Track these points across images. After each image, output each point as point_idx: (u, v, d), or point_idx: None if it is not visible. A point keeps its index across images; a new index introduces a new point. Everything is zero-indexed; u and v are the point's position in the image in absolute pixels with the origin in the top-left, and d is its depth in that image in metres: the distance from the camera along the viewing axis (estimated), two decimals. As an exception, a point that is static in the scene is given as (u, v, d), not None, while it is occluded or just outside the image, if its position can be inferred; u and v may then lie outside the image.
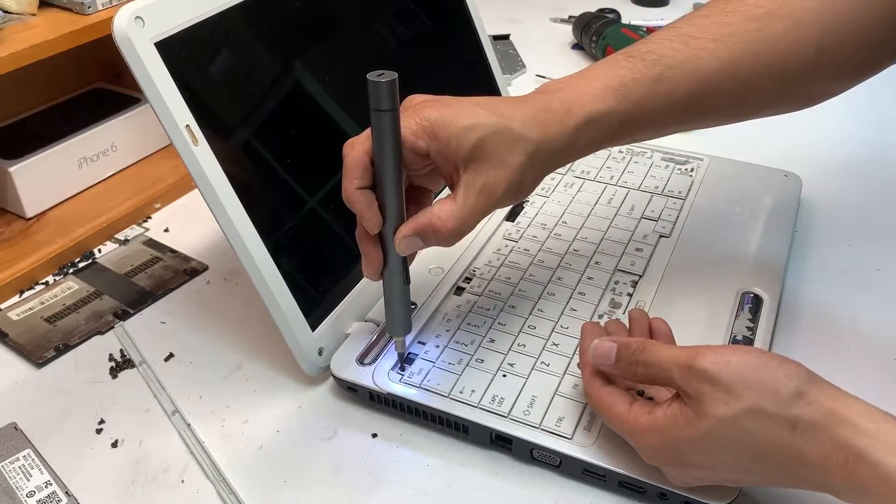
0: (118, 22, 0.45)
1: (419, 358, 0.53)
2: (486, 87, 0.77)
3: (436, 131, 0.45)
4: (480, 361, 0.52)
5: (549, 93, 0.49)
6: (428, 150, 0.45)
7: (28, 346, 0.60)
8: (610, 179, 0.72)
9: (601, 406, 0.44)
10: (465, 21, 0.75)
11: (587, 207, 0.68)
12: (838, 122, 0.86)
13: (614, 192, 0.70)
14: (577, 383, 0.50)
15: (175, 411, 0.54)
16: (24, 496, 0.48)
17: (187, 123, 0.47)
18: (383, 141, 0.44)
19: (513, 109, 0.47)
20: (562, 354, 0.53)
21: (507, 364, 0.52)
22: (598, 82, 0.49)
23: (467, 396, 0.50)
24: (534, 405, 0.49)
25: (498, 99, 0.49)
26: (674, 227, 0.65)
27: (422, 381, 0.51)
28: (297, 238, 0.54)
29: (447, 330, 0.55)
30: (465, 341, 0.54)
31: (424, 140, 0.45)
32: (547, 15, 1.18)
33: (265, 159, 0.53)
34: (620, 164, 0.74)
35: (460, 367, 0.52)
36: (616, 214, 0.67)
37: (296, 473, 0.49)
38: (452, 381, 0.51)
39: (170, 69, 0.47)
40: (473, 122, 0.45)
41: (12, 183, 0.70)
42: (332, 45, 0.60)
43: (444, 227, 0.45)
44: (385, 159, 0.44)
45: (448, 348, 0.53)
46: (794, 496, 0.46)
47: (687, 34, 0.50)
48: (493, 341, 0.54)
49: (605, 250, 0.63)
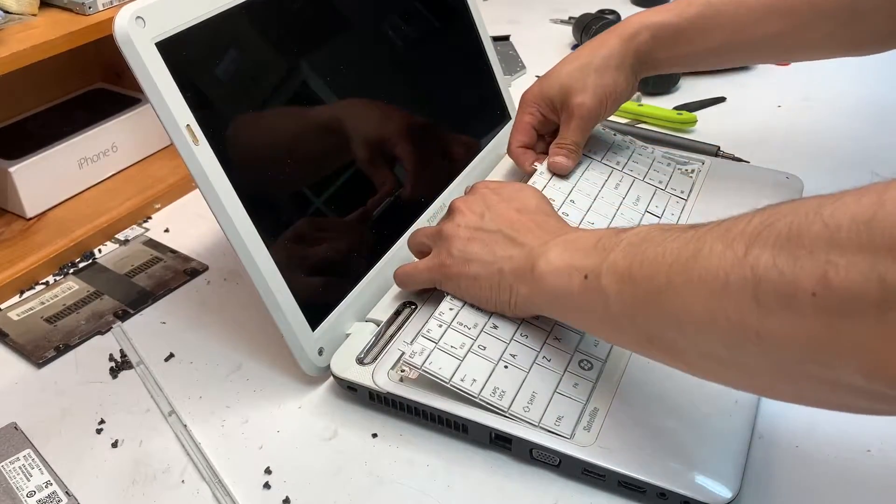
0: (119, 22, 0.45)
1: (420, 336, 0.52)
2: (487, 88, 0.77)
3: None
4: (483, 348, 0.51)
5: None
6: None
7: (28, 346, 0.59)
8: (616, 164, 0.71)
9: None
10: (466, 22, 0.75)
11: (595, 188, 0.68)
12: (839, 122, 0.87)
13: (620, 178, 0.70)
14: (577, 382, 0.50)
15: (172, 412, 0.54)
16: (24, 496, 0.48)
17: (188, 123, 0.47)
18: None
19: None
20: (563, 350, 0.52)
21: (509, 355, 0.51)
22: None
23: (468, 385, 0.49)
24: (534, 402, 0.49)
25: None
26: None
27: (423, 363, 0.50)
28: (298, 238, 0.54)
29: (451, 309, 0.54)
30: (468, 324, 0.53)
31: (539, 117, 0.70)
32: (547, 16, 1.18)
33: (266, 159, 0.53)
34: (626, 153, 0.73)
35: (462, 351, 0.51)
36: (622, 203, 0.67)
37: (296, 473, 0.49)
38: (454, 367, 0.50)
39: (170, 69, 0.47)
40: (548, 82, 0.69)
41: (12, 183, 0.70)
42: (333, 46, 0.60)
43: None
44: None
45: (451, 329, 0.52)
46: (794, 496, 0.46)
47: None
48: (497, 328, 0.53)
49: None
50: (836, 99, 0.92)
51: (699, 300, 0.36)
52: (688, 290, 0.37)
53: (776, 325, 0.33)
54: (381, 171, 0.62)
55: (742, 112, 0.90)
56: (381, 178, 0.61)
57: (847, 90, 0.93)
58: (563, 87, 0.66)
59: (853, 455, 0.49)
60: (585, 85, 0.65)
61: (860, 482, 0.47)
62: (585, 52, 0.67)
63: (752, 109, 0.90)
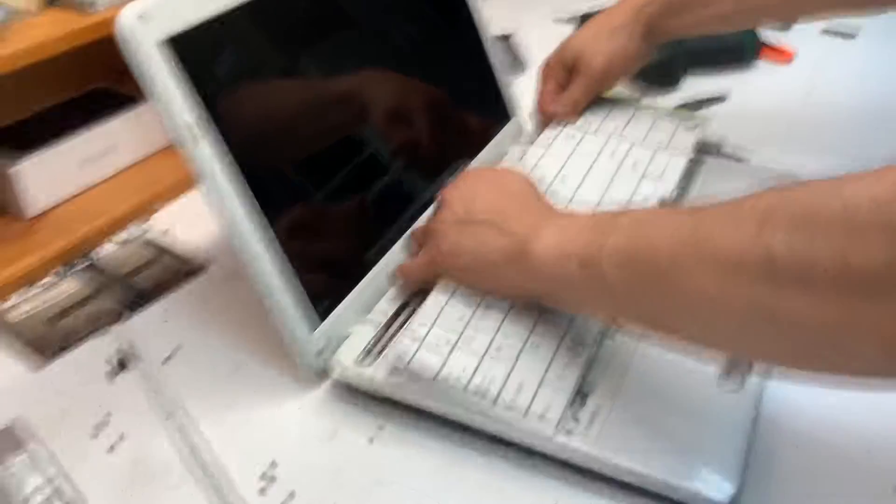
0: (121, 21, 0.45)
1: (405, 335, 0.51)
2: (488, 87, 0.77)
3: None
4: (469, 342, 0.50)
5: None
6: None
7: (28, 346, 0.59)
8: (614, 129, 0.72)
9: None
10: (467, 21, 0.75)
11: (588, 160, 0.68)
12: (841, 121, 0.86)
13: (617, 143, 0.70)
14: (564, 372, 0.50)
15: (172, 412, 0.54)
16: (24, 496, 0.48)
17: (189, 123, 0.47)
18: None
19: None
20: (550, 340, 0.51)
21: (495, 348, 0.50)
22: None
23: (455, 379, 0.48)
24: (535, 399, 0.48)
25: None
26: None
27: (408, 362, 0.49)
28: (298, 238, 0.54)
29: (436, 305, 0.53)
30: (454, 318, 0.52)
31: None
32: (549, 16, 1.18)
33: (267, 159, 0.53)
34: (626, 115, 0.74)
35: (447, 347, 0.50)
36: (617, 171, 0.66)
37: (296, 474, 0.49)
38: (440, 363, 0.49)
39: (172, 69, 0.47)
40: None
41: (12, 183, 0.70)
42: (335, 45, 0.60)
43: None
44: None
45: (436, 326, 0.51)
46: (795, 493, 0.46)
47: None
48: (483, 319, 0.52)
49: None
50: (838, 97, 0.91)
51: (711, 280, 0.36)
52: (699, 270, 0.37)
53: (793, 305, 0.33)
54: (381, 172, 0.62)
55: (743, 111, 0.89)
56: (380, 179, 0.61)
57: (849, 89, 0.93)
58: (577, 50, 0.71)
59: (853, 455, 0.49)
60: (596, 49, 0.70)
61: (860, 481, 0.47)
62: (600, 20, 0.72)
63: (754, 108, 0.90)
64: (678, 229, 0.39)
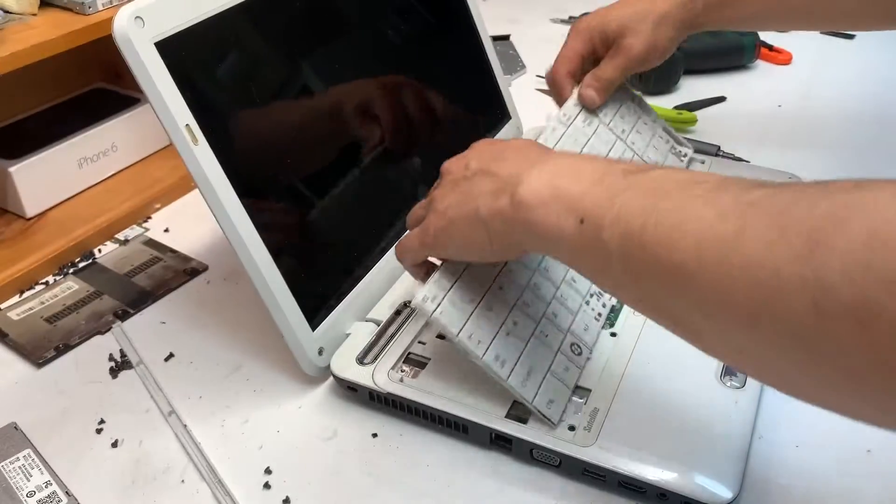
0: (118, 22, 0.45)
1: (432, 283, 0.48)
2: (487, 87, 0.77)
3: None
4: (489, 309, 0.49)
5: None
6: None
7: (28, 346, 0.59)
8: (621, 133, 0.70)
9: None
10: (466, 21, 0.75)
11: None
12: (840, 122, 0.87)
13: (623, 149, 0.68)
14: (568, 366, 0.50)
15: (172, 412, 0.54)
16: (24, 496, 0.48)
17: (187, 123, 0.47)
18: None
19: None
20: (558, 330, 0.51)
21: (512, 322, 0.49)
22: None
23: (474, 346, 0.47)
24: (529, 378, 0.48)
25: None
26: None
27: (433, 311, 0.47)
28: (298, 238, 0.54)
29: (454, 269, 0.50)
30: (477, 281, 0.50)
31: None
32: (547, 16, 1.18)
33: (265, 159, 0.53)
34: (631, 119, 0.72)
35: (472, 306, 0.48)
36: None
37: (296, 473, 0.49)
38: (462, 321, 0.47)
39: (170, 69, 0.47)
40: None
41: (12, 183, 0.70)
42: (332, 45, 0.60)
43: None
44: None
45: (458, 285, 0.49)
46: (794, 496, 0.46)
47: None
48: (501, 289, 0.50)
49: None
50: (836, 98, 0.92)
51: (740, 290, 0.31)
52: (726, 276, 0.32)
53: (837, 339, 0.28)
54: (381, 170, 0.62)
55: (742, 111, 0.90)
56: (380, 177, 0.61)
57: (847, 90, 0.93)
58: (621, 25, 0.67)
59: (853, 455, 0.49)
60: (641, 31, 0.66)
61: (860, 482, 0.47)
62: (644, 1, 0.68)
63: (753, 109, 0.90)
64: (706, 219, 0.33)
